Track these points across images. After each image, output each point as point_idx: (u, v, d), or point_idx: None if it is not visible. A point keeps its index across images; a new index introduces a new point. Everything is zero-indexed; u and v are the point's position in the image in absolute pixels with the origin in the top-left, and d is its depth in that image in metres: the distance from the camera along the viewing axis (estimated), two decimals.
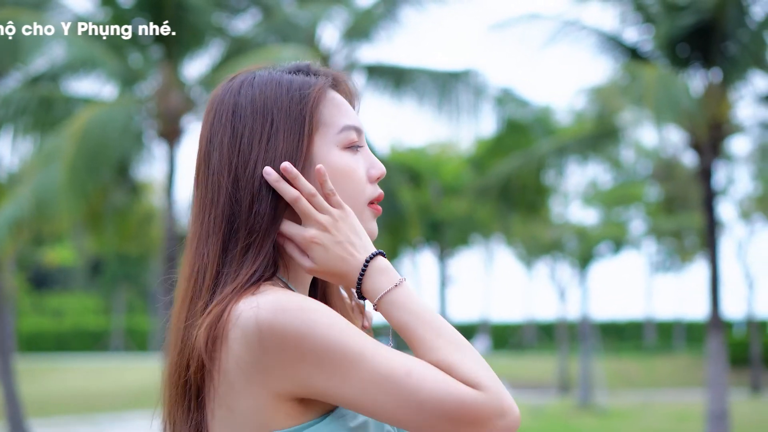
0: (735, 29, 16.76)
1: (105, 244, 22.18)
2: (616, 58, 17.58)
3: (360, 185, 1.78)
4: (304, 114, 1.75)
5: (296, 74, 1.82)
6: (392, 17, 18.37)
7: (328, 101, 1.79)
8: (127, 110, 15.93)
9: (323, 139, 1.77)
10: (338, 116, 1.79)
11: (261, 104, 1.76)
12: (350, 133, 1.79)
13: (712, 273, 17.06)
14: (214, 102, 1.82)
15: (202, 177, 1.79)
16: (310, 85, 1.78)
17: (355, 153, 1.80)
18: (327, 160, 1.76)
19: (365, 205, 1.80)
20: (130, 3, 16.85)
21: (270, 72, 1.82)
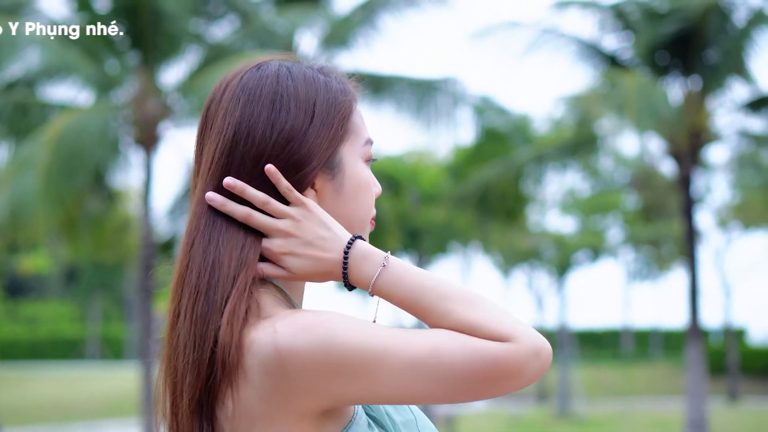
0: (715, 37, 16.78)
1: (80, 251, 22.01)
2: (595, 66, 17.58)
3: (373, 201, 1.75)
4: (342, 118, 1.70)
5: (327, 76, 1.74)
6: (370, 24, 18.29)
7: (357, 112, 1.75)
8: (104, 117, 15.79)
9: (351, 148, 1.72)
10: (362, 128, 1.75)
11: (304, 97, 1.68)
12: (370, 148, 1.76)
13: (692, 282, 17.05)
14: (245, 88, 1.69)
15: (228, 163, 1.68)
16: (346, 92, 1.73)
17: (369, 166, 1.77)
18: (354, 170, 1.71)
19: (369, 221, 1.76)
20: (106, 9, 16.71)
21: (303, 67, 1.73)
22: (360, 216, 1.72)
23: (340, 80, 1.76)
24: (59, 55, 15.78)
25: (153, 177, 16.58)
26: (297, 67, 1.72)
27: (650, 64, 17.18)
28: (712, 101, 17.29)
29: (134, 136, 16.42)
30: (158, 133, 16.49)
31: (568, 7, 17.72)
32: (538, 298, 38.02)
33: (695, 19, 16.41)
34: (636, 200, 34.48)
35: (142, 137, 16.34)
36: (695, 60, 16.88)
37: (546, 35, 17.48)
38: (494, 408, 35.61)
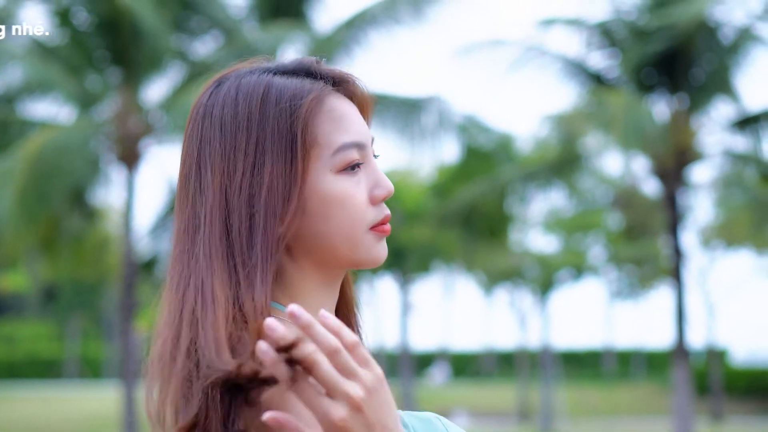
0: (702, 56, 16.74)
1: (60, 269, 21.77)
2: (581, 84, 17.50)
3: (358, 212, 1.52)
4: (294, 131, 1.49)
5: (293, 76, 1.54)
6: (355, 41, 18.17)
7: (325, 114, 1.52)
8: (84, 134, 15.61)
9: (316, 162, 1.50)
10: (335, 133, 1.52)
11: (245, 118, 1.49)
12: (348, 153, 1.51)
13: (678, 301, 16.95)
14: (193, 112, 1.55)
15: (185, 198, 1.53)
16: (303, 94, 1.51)
17: (354, 174, 1.53)
18: (318, 187, 1.50)
19: (366, 231, 1.53)
20: (87, 26, 16.56)
21: (261, 74, 1.54)
22: (342, 234, 1.51)
23: (316, 74, 1.56)
24: (40, 71, 15.61)
25: (134, 195, 16.38)
26: (254, 77, 1.53)
27: (637, 82, 17.12)
28: (698, 120, 17.24)
29: (116, 153, 16.23)
30: (140, 150, 16.31)
31: (553, 24, 17.65)
32: (520, 317, 37.89)
33: (682, 37, 16.36)
34: (619, 219, 34.44)
35: (123, 154, 16.16)
36: (682, 78, 16.82)
37: (531, 53, 17.39)
38: (476, 427, 35.41)
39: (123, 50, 16.37)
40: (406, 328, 33.85)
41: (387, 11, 17.98)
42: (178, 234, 1.53)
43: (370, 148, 1.56)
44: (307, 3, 19.74)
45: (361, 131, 1.54)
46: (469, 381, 52.50)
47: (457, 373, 55.88)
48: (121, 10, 15.59)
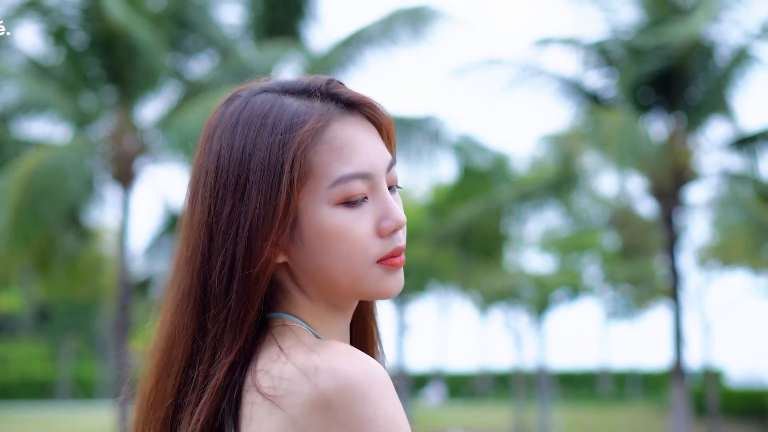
0: (699, 75, 16.73)
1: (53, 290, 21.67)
2: (578, 104, 17.48)
3: (359, 245, 1.45)
4: (281, 164, 1.42)
5: (303, 97, 1.47)
6: (351, 60, 18.14)
7: (323, 144, 1.44)
8: (79, 153, 15.53)
9: (312, 195, 1.44)
10: (334, 164, 1.44)
11: (239, 149, 1.44)
12: (348, 186, 1.44)
13: (675, 322, 16.87)
14: (204, 130, 1.51)
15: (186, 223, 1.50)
16: (299, 123, 1.43)
17: (357, 206, 1.45)
18: (312, 221, 1.43)
19: (371, 265, 1.46)
20: (83, 45, 16.50)
21: (270, 94, 1.48)
22: (342, 267, 1.45)
23: (326, 95, 1.48)
24: (35, 90, 15.54)
25: (129, 214, 16.30)
26: (260, 98, 1.48)
27: (633, 101, 17.10)
28: (695, 139, 17.21)
29: (111, 173, 16.16)
30: (135, 169, 16.23)
31: (549, 44, 17.63)
32: (516, 337, 37.77)
33: (678, 57, 16.35)
34: (614, 239, 34.39)
35: (118, 174, 16.08)
36: (678, 98, 16.80)
37: (527, 72, 17.37)
38: None
39: (118, 69, 16.31)
40: (401, 349, 33.73)
41: (383, 31, 17.96)
42: (174, 264, 1.52)
43: (381, 176, 1.47)
44: (303, 22, 19.73)
45: (368, 160, 1.46)
46: (465, 402, 52.32)
47: (453, 394, 55.68)
48: (116, 29, 15.54)
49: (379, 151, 1.48)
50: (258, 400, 1.37)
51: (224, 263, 1.42)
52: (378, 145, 1.49)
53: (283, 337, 1.43)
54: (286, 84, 1.50)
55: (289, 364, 1.36)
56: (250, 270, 1.41)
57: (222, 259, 1.42)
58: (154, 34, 16.14)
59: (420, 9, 18.04)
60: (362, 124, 1.49)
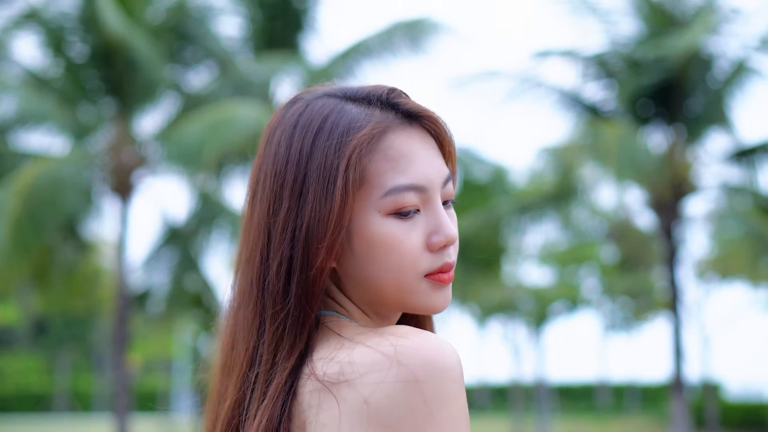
0: (697, 88, 16.73)
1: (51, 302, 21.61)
2: (577, 116, 17.46)
3: (408, 257, 1.43)
4: (336, 167, 1.42)
5: (364, 105, 1.47)
6: (350, 73, 18.14)
7: (379, 153, 1.43)
8: (77, 166, 15.50)
9: (364, 203, 1.43)
10: (389, 174, 1.43)
11: (297, 151, 1.45)
12: (401, 197, 1.43)
13: (675, 335, 16.82)
14: (264, 135, 1.52)
15: (246, 224, 1.52)
16: (356, 128, 1.43)
17: (409, 218, 1.44)
18: (363, 229, 1.43)
19: (419, 279, 1.45)
20: (82, 57, 16.49)
21: (330, 98, 1.48)
22: (389, 278, 1.44)
23: (386, 104, 1.47)
24: (33, 102, 15.52)
25: (128, 227, 16.26)
26: (321, 102, 1.47)
27: (633, 113, 17.09)
28: (694, 152, 17.19)
29: (110, 185, 16.12)
30: (133, 181, 16.20)
31: (548, 56, 17.63)
32: (514, 350, 37.71)
33: (676, 69, 16.35)
34: (613, 252, 34.36)
35: (117, 186, 16.05)
36: (677, 110, 16.79)
37: (526, 85, 17.35)
38: None
39: (117, 81, 16.30)
40: None
41: (383, 43, 17.97)
42: (236, 263, 1.53)
43: (436, 190, 1.46)
44: (302, 35, 19.74)
45: (423, 172, 1.45)
46: None
47: None
48: (115, 41, 15.53)
49: (436, 164, 1.47)
50: (320, 386, 1.35)
51: (281, 264, 1.43)
52: (435, 159, 1.47)
53: (341, 328, 1.43)
54: (348, 90, 1.50)
55: (362, 347, 1.35)
56: (308, 273, 1.42)
57: (279, 259, 1.43)
58: (153, 46, 16.14)
59: (419, 21, 18.06)
60: (421, 136, 1.48)
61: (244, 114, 14.82)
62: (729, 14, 16.69)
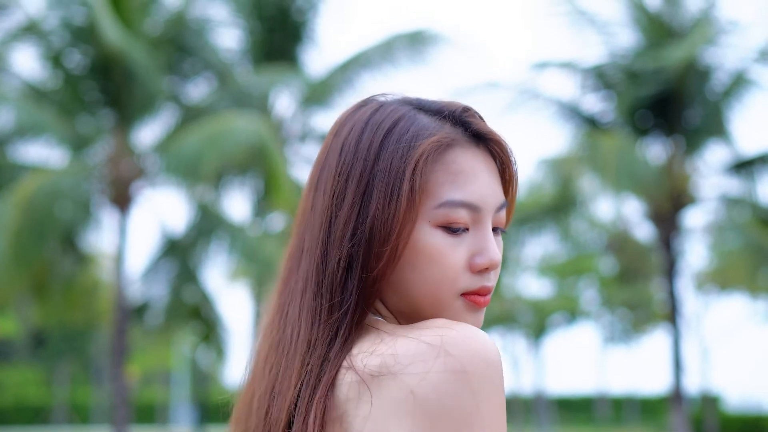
0: (696, 99, 16.73)
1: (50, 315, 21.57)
2: (576, 127, 17.46)
3: (448, 273, 1.43)
4: (404, 170, 1.41)
5: (432, 116, 1.46)
6: (349, 84, 18.16)
7: (442, 164, 1.43)
8: (76, 177, 15.50)
9: (421, 211, 1.43)
10: (446, 186, 1.42)
11: (366, 147, 1.44)
12: (453, 211, 1.42)
13: (674, 346, 16.79)
14: (331, 131, 1.52)
15: (304, 214, 1.51)
16: (425, 136, 1.43)
17: (457, 234, 1.43)
18: (415, 237, 1.42)
19: (455, 296, 1.44)
20: (81, 69, 16.50)
21: (403, 105, 1.48)
22: (426, 290, 1.43)
23: (456, 120, 1.46)
24: (32, 114, 15.51)
25: (126, 238, 16.23)
26: (393, 106, 1.48)
27: (631, 125, 17.09)
28: (693, 163, 17.19)
29: (108, 196, 16.11)
30: (132, 193, 16.19)
31: (547, 67, 17.64)
32: (513, 362, 37.67)
33: (676, 80, 16.36)
34: (612, 264, 34.33)
35: (116, 197, 16.04)
36: (676, 121, 16.79)
37: (525, 96, 17.37)
38: None
39: (116, 93, 16.30)
40: None
41: (383, 54, 18.00)
42: (290, 252, 1.51)
43: (489, 213, 1.45)
44: (301, 47, 19.75)
45: (480, 193, 1.44)
46: None
47: None
48: (113, 53, 15.53)
49: (494, 188, 1.46)
50: (359, 379, 1.35)
51: (341, 260, 1.42)
52: (494, 183, 1.47)
53: (380, 324, 1.42)
54: (422, 101, 1.50)
55: (404, 338, 1.34)
56: (369, 273, 1.41)
57: (339, 255, 1.43)
58: (152, 58, 16.14)
59: (419, 33, 18.09)
60: (485, 158, 1.47)
61: (243, 126, 14.82)
62: (726, 26, 16.72)
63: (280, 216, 18.55)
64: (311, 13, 19.49)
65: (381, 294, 1.46)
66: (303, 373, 1.42)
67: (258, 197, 18.77)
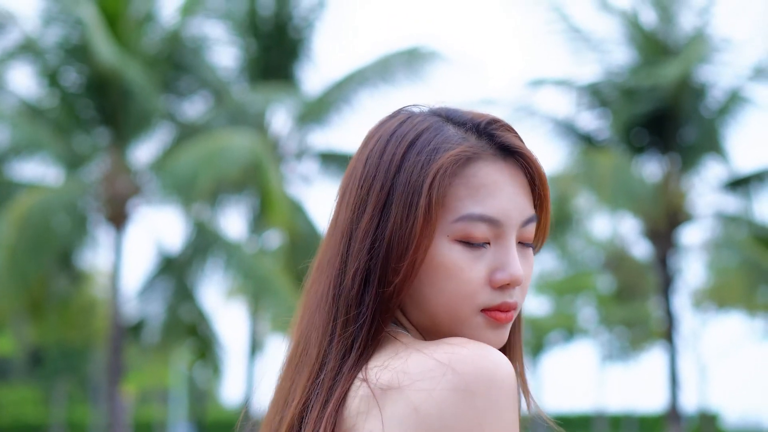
0: (691, 117, 16.75)
1: (46, 333, 21.53)
2: (572, 144, 17.48)
3: (466, 287, 1.39)
4: (421, 184, 1.39)
5: (459, 127, 1.42)
6: (346, 101, 18.18)
7: (463, 177, 1.39)
8: (71, 195, 15.49)
9: (439, 225, 1.39)
10: (465, 200, 1.39)
11: (388, 160, 1.42)
12: (471, 226, 1.38)
13: (670, 364, 16.76)
14: (362, 141, 1.50)
15: (331, 224, 1.50)
16: (445, 149, 1.39)
17: (477, 248, 1.39)
18: (432, 251, 1.39)
19: (475, 312, 1.40)
20: (77, 87, 16.52)
21: (431, 116, 1.45)
22: (444, 305, 1.40)
23: (483, 132, 1.42)
24: (28, 132, 15.52)
25: (122, 256, 16.22)
26: (420, 118, 1.45)
27: (627, 142, 17.11)
28: (689, 180, 17.20)
29: (104, 214, 16.10)
30: (128, 210, 16.18)
31: (543, 85, 17.66)
32: None
33: (671, 98, 16.39)
34: (609, 282, 34.31)
35: (111, 215, 16.03)
36: (672, 139, 16.81)
37: (521, 113, 17.39)
38: None
39: (112, 111, 16.31)
40: None
41: (379, 71, 18.03)
42: (316, 263, 1.50)
43: (512, 228, 1.40)
44: (297, 64, 19.77)
45: (501, 207, 1.40)
46: None
47: None
48: (109, 71, 15.56)
49: (519, 202, 1.41)
50: (370, 393, 1.33)
51: (357, 273, 1.41)
52: (519, 197, 1.41)
53: (401, 336, 1.41)
54: (452, 111, 1.46)
55: (416, 354, 1.32)
56: (385, 288, 1.40)
57: (355, 268, 1.41)
58: (148, 76, 16.16)
59: (415, 50, 18.12)
60: (512, 172, 1.42)
61: (238, 144, 14.83)
62: (720, 44, 16.76)
63: (276, 233, 18.54)
64: (308, 30, 19.52)
65: (403, 307, 1.44)
66: (314, 386, 1.41)
67: (254, 215, 18.76)
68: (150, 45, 17.22)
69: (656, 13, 17.51)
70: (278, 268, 16.72)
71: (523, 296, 1.44)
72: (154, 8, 17.21)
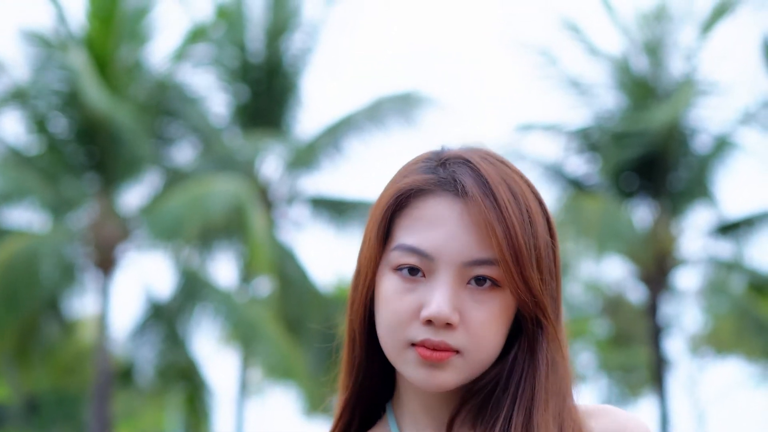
0: (680, 161, 16.77)
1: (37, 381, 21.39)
2: (561, 189, 17.47)
3: (393, 317, 1.37)
4: (373, 218, 1.42)
5: (437, 162, 1.40)
6: (336, 147, 18.19)
7: (411, 209, 1.38)
8: (58, 241, 15.45)
9: (385, 254, 1.41)
10: (404, 231, 1.37)
11: (375, 204, 1.45)
12: (404, 256, 1.36)
13: (661, 409, 16.65)
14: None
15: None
16: (402, 180, 1.40)
17: (413, 279, 1.36)
18: (377, 280, 1.42)
19: (405, 345, 1.37)
20: (66, 133, 16.54)
21: (430, 151, 1.44)
22: (383, 335, 1.40)
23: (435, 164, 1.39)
24: (15, 178, 15.52)
25: (110, 302, 16.15)
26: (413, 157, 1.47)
27: (616, 187, 17.11)
28: (678, 225, 17.17)
29: (92, 260, 16.05)
30: (116, 256, 16.13)
31: (532, 129, 17.69)
32: None
33: (660, 142, 16.40)
34: (607, 326, 34.17)
35: (100, 261, 15.98)
36: (661, 183, 16.80)
37: (510, 157, 17.34)
38: None
39: (101, 157, 16.33)
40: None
41: (370, 117, 18.06)
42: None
43: (447, 264, 1.35)
44: (287, 110, 19.78)
45: (436, 242, 1.35)
46: None
47: None
48: (98, 117, 15.58)
49: (463, 240, 1.35)
50: None
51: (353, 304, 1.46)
52: (466, 236, 1.35)
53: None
54: (446, 148, 1.43)
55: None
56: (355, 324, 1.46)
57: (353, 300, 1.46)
58: (137, 122, 16.19)
59: (406, 95, 18.17)
60: (467, 210, 1.36)
61: (221, 188, 14.82)
62: (708, 88, 16.80)
63: (266, 280, 18.46)
64: (297, 76, 19.55)
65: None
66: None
67: (244, 261, 18.70)
68: (139, 91, 17.25)
69: (646, 58, 17.57)
70: (269, 314, 16.64)
71: (472, 341, 1.35)
72: (143, 55, 17.27)
